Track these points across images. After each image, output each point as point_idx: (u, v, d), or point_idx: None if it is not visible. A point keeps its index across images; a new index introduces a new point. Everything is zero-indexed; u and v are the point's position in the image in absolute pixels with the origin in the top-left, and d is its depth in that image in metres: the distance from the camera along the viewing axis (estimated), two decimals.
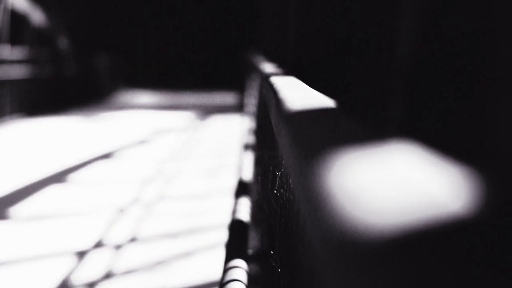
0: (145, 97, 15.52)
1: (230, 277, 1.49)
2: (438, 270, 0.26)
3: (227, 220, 3.81)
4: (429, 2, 0.51)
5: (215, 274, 3.00)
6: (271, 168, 1.62)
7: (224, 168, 5.96)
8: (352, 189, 0.35)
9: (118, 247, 3.51)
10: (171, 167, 6.00)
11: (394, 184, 0.35)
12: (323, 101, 0.89)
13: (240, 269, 1.55)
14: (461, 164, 0.42)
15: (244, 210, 2.28)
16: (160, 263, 3.24)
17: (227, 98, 15.01)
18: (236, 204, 2.40)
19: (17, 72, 10.06)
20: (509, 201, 0.35)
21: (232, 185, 4.90)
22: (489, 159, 0.41)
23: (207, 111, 12.29)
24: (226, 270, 1.54)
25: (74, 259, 3.29)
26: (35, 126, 9.19)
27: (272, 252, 1.49)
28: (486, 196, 0.34)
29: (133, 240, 3.64)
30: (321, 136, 0.53)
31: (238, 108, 11.80)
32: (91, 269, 3.14)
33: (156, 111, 11.93)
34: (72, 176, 5.47)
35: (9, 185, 4.99)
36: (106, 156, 6.57)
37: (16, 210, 4.28)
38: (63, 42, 12.96)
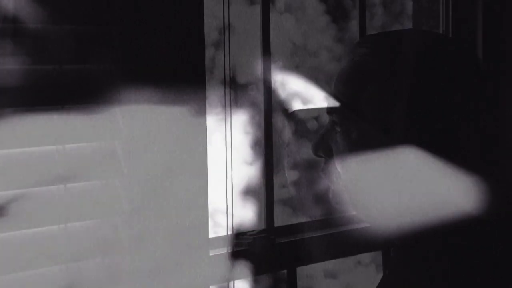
0: (143, 93, 15.45)
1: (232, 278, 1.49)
2: (444, 268, 0.25)
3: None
4: (429, 2, 0.51)
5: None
6: (273, 168, 1.62)
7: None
8: (355, 189, 0.35)
9: None
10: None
11: (398, 186, 0.35)
12: (324, 101, 0.89)
13: (242, 269, 1.55)
14: (465, 166, 0.42)
15: (247, 210, 2.29)
16: None
17: (227, 95, 14.95)
18: (239, 204, 2.39)
19: (15, 70, 10.05)
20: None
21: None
22: (492, 161, 0.41)
23: (206, 108, 12.19)
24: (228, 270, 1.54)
25: None
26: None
27: (274, 252, 1.49)
28: (491, 197, 0.34)
29: None
30: (323, 136, 0.53)
31: (238, 105, 11.75)
32: None
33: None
34: None
35: None
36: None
37: None
38: (62, 40, 12.96)
